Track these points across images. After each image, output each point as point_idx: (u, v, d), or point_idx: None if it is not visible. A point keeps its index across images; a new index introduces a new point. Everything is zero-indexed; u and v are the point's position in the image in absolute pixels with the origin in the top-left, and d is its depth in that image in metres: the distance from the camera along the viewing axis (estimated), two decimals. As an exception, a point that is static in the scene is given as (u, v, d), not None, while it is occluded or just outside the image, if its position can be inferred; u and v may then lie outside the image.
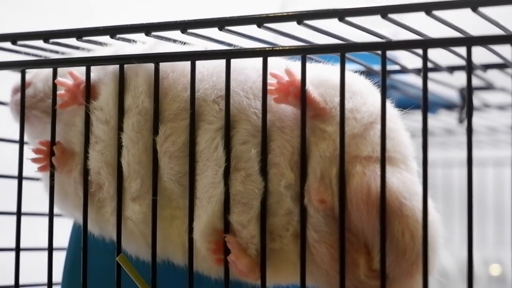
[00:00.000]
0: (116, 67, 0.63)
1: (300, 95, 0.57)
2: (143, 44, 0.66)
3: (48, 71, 0.67)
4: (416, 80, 0.97)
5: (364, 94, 0.61)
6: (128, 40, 0.66)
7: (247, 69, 0.62)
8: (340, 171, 0.55)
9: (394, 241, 0.55)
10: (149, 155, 0.62)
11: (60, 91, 0.64)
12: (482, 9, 0.53)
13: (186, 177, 0.61)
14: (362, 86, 0.62)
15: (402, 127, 0.62)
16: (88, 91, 0.63)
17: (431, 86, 0.57)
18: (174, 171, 0.62)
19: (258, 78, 0.60)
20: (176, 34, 0.61)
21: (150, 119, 0.62)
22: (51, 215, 0.64)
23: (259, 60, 0.58)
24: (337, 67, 0.57)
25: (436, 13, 0.54)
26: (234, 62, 0.60)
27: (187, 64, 0.60)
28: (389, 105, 0.61)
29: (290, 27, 0.58)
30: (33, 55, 0.73)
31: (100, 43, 0.66)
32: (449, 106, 1.13)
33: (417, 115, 1.14)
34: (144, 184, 0.62)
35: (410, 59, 0.70)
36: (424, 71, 0.54)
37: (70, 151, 0.65)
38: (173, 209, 0.62)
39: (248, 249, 0.59)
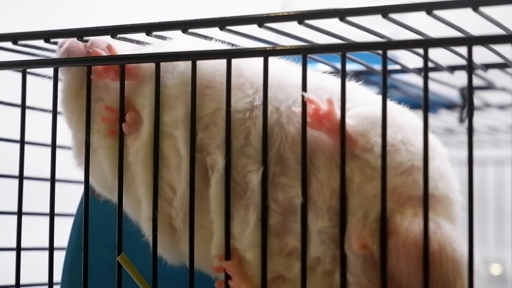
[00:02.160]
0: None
1: (301, 102, 0.56)
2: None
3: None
4: (416, 80, 0.97)
5: (413, 129, 0.58)
6: (132, 41, 0.65)
7: (291, 87, 0.60)
8: (341, 174, 0.55)
9: (445, 285, 0.54)
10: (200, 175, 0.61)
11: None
12: (483, 9, 0.53)
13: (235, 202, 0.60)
14: (409, 121, 0.59)
15: (451, 168, 0.60)
16: (89, 92, 0.63)
17: (431, 85, 0.57)
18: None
19: (299, 98, 0.58)
20: (176, 34, 0.61)
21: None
22: (52, 215, 0.64)
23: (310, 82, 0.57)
24: (378, 98, 0.57)
25: (437, 12, 0.53)
26: (281, 78, 0.59)
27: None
28: (438, 144, 0.59)
29: (291, 26, 0.58)
30: (34, 55, 0.73)
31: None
32: (449, 105, 1.13)
33: (418, 115, 1.14)
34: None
35: (411, 59, 0.70)
36: (424, 71, 0.54)
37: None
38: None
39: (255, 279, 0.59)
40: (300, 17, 0.56)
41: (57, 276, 0.68)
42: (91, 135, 0.63)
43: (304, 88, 0.56)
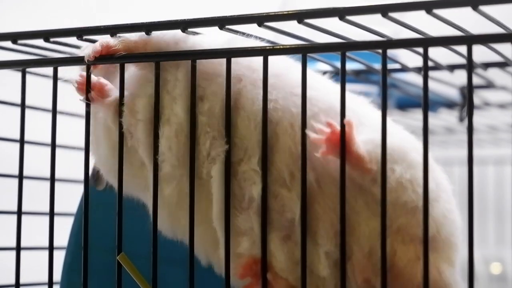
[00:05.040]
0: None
1: (301, 104, 0.56)
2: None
3: None
4: (416, 79, 0.97)
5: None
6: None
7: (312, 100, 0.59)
8: (341, 177, 0.55)
9: None
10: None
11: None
12: (482, 8, 0.53)
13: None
14: (420, 156, 0.54)
15: (455, 206, 0.60)
16: (88, 91, 0.63)
17: (431, 84, 0.57)
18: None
19: (319, 111, 0.58)
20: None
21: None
22: (51, 214, 0.64)
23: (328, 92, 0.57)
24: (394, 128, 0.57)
25: (437, 11, 0.53)
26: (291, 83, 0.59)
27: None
28: (445, 180, 0.59)
29: (291, 26, 0.58)
30: (33, 54, 0.73)
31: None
32: (449, 104, 1.13)
33: (418, 114, 1.14)
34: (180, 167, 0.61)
35: (411, 58, 0.70)
36: (424, 70, 0.54)
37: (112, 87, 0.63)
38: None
39: None
40: (300, 16, 0.56)
41: (57, 276, 0.68)
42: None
43: (304, 87, 0.56)
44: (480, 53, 0.62)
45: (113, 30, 0.62)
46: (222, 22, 0.59)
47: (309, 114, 0.56)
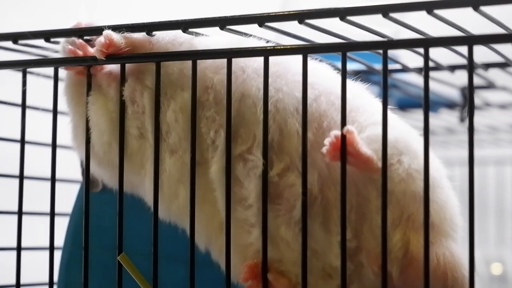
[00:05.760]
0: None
1: (302, 103, 0.56)
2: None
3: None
4: (417, 79, 0.97)
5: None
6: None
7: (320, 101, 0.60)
8: (341, 175, 0.55)
9: None
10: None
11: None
12: (483, 8, 0.53)
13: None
14: (421, 146, 0.55)
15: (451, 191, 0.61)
16: (89, 90, 0.63)
17: (432, 85, 0.57)
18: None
19: (320, 94, 0.59)
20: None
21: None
22: (52, 214, 0.64)
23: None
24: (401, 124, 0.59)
25: (438, 12, 0.53)
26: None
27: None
28: (441, 166, 0.60)
29: (292, 26, 0.58)
30: (34, 54, 0.73)
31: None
32: (450, 105, 1.13)
33: (418, 114, 1.14)
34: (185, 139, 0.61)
35: (412, 58, 0.70)
36: (425, 70, 0.54)
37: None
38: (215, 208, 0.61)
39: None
40: (301, 16, 0.56)
41: (57, 276, 0.68)
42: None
43: (304, 87, 0.56)
44: (481, 53, 0.62)
45: (112, 30, 0.62)
46: (223, 23, 0.59)
47: (311, 97, 0.58)
